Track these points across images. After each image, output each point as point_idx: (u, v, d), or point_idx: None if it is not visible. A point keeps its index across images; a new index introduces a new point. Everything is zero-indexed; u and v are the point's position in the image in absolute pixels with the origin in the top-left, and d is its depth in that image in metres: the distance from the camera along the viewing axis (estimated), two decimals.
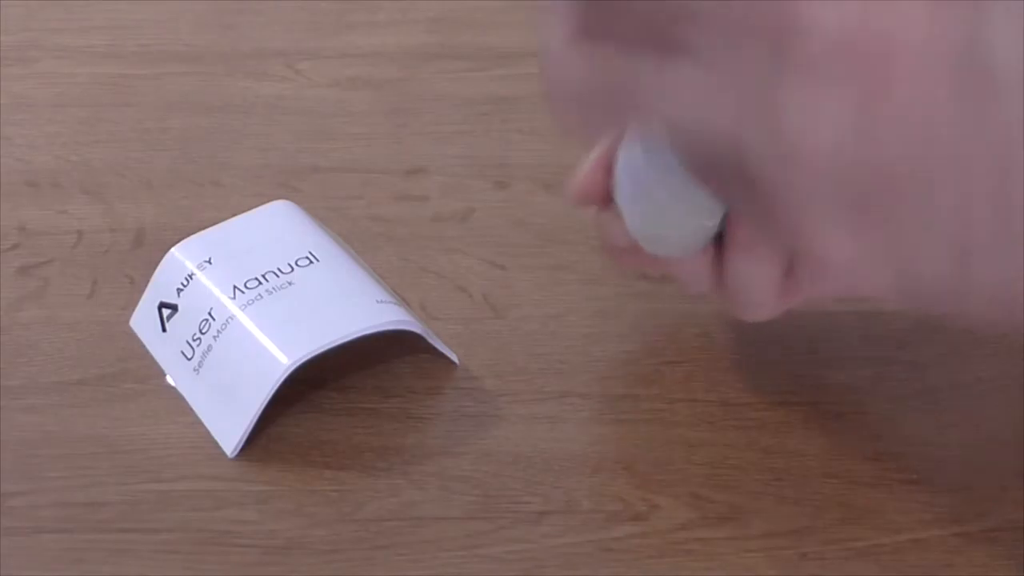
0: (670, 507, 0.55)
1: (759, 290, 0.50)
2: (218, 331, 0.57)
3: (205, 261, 0.59)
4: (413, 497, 0.55)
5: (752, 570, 0.52)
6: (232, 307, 0.57)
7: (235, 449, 0.56)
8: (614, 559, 0.53)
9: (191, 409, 0.58)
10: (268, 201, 0.63)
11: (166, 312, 0.59)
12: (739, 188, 0.41)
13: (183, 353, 0.58)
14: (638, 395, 0.59)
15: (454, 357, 0.60)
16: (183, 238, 0.61)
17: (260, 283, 0.58)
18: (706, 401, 0.58)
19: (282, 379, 0.55)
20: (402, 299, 0.61)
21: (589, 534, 0.54)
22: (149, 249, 0.64)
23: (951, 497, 0.54)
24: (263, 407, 0.55)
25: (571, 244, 0.65)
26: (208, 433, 0.57)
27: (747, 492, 0.55)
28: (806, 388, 0.59)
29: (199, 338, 0.58)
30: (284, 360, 0.55)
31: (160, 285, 0.60)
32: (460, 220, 0.67)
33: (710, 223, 0.49)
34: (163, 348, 0.59)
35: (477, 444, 0.57)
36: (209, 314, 0.58)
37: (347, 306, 0.58)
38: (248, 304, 0.57)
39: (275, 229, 0.61)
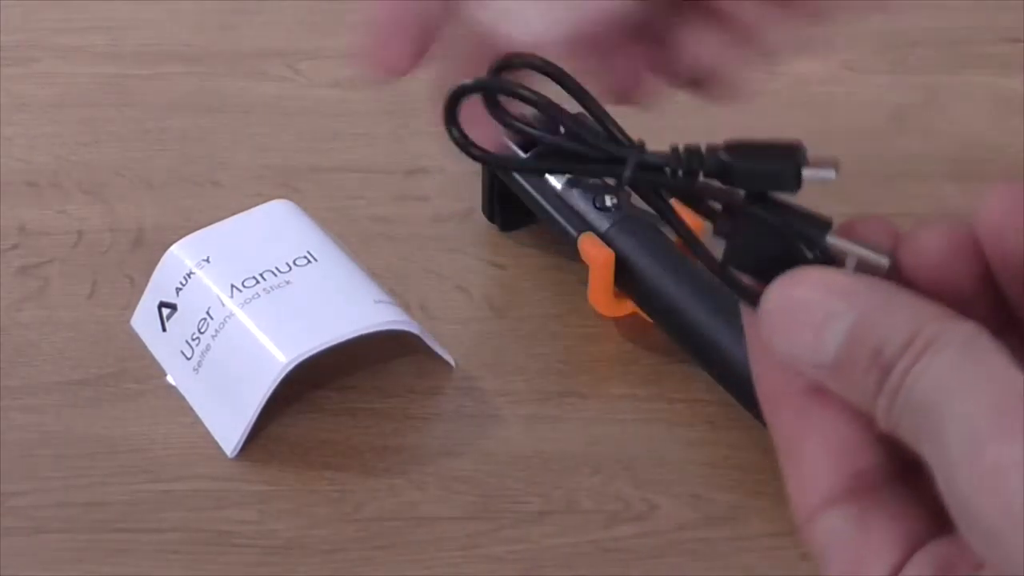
0: (670, 507, 0.55)
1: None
2: (216, 330, 0.57)
3: (204, 260, 0.59)
4: (413, 497, 0.55)
5: (752, 570, 0.52)
6: (230, 305, 0.57)
7: (235, 449, 0.56)
8: (614, 559, 0.53)
9: (191, 409, 0.58)
10: (268, 201, 0.63)
11: (166, 312, 0.59)
12: None
13: (183, 353, 0.58)
14: (638, 395, 0.59)
15: (450, 359, 0.59)
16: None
17: (258, 282, 0.58)
18: (706, 401, 0.58)
19: (280, 377, 0.55)
20: (401, 299, 0.61)
21: (589, 534, 0.54)
22: (149, 249, 0.63)
23: None
24: (262, 406, 0.55)
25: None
26: (208, 433, 0.57)
27: (747, 492, 0.55)
28: None
29: (198, 337, 0.58)
30: (282, 358, 0.55)
31: (159, 284, 0.60)
32: (460, 220, 0.67)
33: None
34: (163, 348, 0.59)
35: (477, 444, 0.57)
36: (207, 313, 0.58)
37: (345, 306, 0.58)
38: (246, 303, 0.57)
39: (273, 228, 0.61)
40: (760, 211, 0.34)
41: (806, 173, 0.34)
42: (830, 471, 0.34)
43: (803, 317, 0.33)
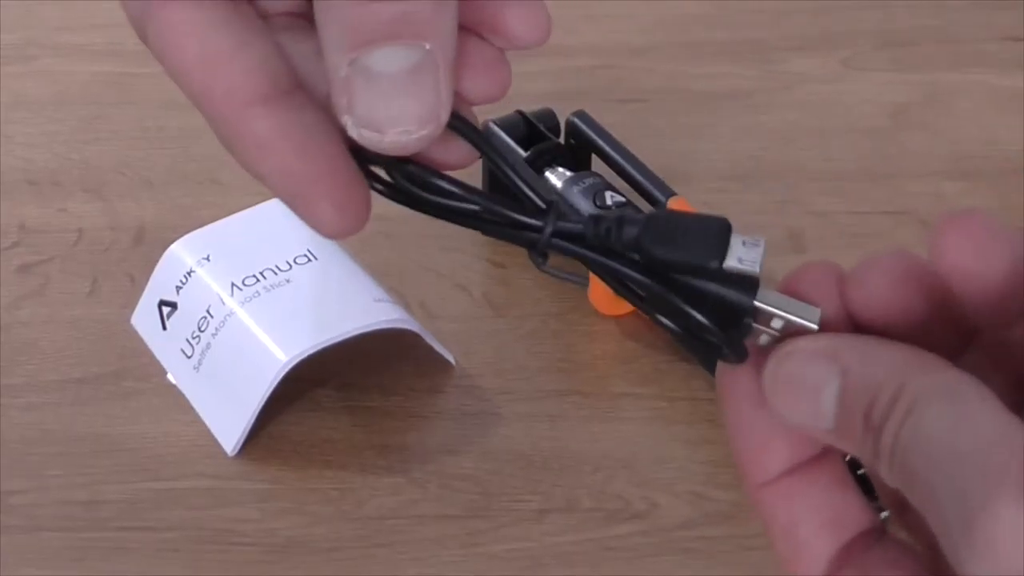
0: (670, 505, 0.55)
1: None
2: (216, 328, 0.57)
3: (204, 258, 0.59)
4: (413, 495, 0.55)
5: (752, 568, 0.52)
6: (231, 304, 0.57)
7: (235, 447, 0.56)
8: (614, 557, 0.53)
9: (191, 407, 0.58)
10: (268, 199, 0.63)
11: (166, 310, 0.59)
12: None
13: (183, 351, 0.58)
14: (638, 393, 0.59)
15: (451, 357, 0.59)
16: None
17: (258, 280, 0.58)
18: (707, 399, 0.58)
19: (280, 376, 0.55)
20: (401, 298, 0.61)
21: (589, 532, 0.54)
22: (149, 247, 0.63)
23: None
24: (262, 404, 0.55)
25: None
26: (208, 431, 0.57)
27: None
28: None
29: (198, 336, 0.58)
30: (282, 357, 0.55)
31: (160, 282, 0.60)
32: None
33: None
34: (164, 346, 0.59)
35: (477, 442, 0.57)
36: (208, 311, 0.58)
37: (345, 304, 0.58)
38: (246, 301, 0.57)
39: (274, 227, 0.61)
40: (671, 296, 0.34)
41: (727, 266, 0.33)
42: (826, 547, 0.34)
43: (799, 387, 0.33)
